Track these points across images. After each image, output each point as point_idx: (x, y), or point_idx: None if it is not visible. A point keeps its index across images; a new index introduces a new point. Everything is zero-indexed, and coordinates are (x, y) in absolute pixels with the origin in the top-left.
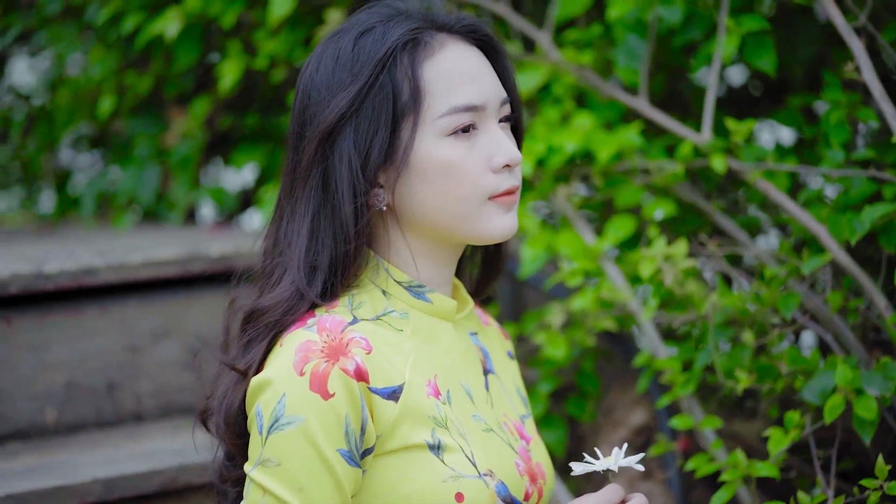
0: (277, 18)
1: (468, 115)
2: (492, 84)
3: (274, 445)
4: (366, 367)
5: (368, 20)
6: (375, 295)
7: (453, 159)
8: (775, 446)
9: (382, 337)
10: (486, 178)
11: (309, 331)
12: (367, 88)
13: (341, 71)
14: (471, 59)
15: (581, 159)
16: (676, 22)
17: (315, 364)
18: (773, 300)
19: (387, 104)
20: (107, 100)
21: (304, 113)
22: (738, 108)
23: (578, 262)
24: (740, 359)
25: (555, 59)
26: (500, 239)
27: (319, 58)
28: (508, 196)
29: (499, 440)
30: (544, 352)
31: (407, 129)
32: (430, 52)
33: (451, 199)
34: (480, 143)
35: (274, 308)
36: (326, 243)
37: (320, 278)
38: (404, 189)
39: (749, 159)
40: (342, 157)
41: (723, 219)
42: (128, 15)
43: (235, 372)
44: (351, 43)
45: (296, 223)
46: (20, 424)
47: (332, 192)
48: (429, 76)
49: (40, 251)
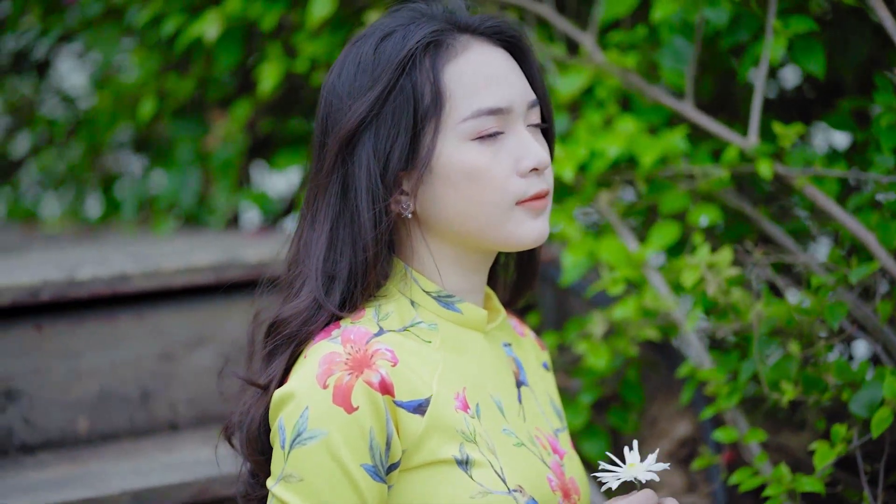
0: (317, 20)
1: (493, 119)
2: (519, 86)
3: (296, 460)
4: (391, 379)
5: (390, 24)
6: (403, 305)
7: (478, 164)
8: (821, 460)
9: (409, 348)
10: (513, 182)
11: (333, 342)
12: (386, 93)
13: (362, 76)
14: (496, 61)
15: (624, 164)
16: (723, 23)
17: (339, 377)
18: (820, 310)
19: (407, 108)
20: (148, 103)
21: (325, 120)
22: (791, 112)
23: (620, 270)
24: (787, 370)
25: (598, 61)
26: (530, 245)
27: (341, 64)
28: (538, 201)
29: (530, 455)
30: (586, 361)
31: (429, 134)
32: (452, 54)
33: (477, 205)
34: (507, 147)
35: (292, 319)
36: (345, 252)
37: (338, 288)
38: (428, 195)
39: (797, 164)
40: (361, 163)
41: (771, 226)
42: (168, 17)
43: (256, 387)
44: (372, 48)
45: (315, 231)
46: (51, 433)
47: (351, 200)
48: (451, 79)
49: (75, 257)
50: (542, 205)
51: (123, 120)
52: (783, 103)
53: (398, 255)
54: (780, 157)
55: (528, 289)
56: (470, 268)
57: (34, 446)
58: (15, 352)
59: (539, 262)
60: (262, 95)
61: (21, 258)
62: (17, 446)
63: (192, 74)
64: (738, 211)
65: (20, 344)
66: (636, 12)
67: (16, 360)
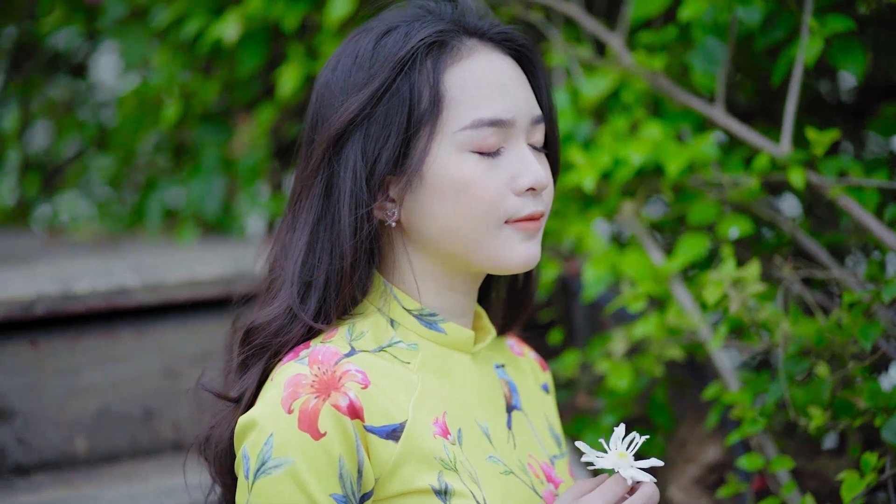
0: (336, 20)
1: (493, 131)
2: (524, 99)
3: (261, 491)
4: (360, 403)
5: (394, 19)
6: (381, 324)
7: (472, 176)
8: (849, 492)
9: (383, 370)
10: (506, 199)
11: (300, 363)
12: (381, 91)
13: (357, 72)
14: (502, 70)
15: (651, 173)
16: (755, 23)
17: (304, 400)
18: (853, 328)
19: (402, 110)
20: (172, 106)
21: (315, 115)
22: (845, 117)
23: (642, 285)
24: (818, 393)
25: (626, 63)
26: (518, 269)
27: (338, 57)
28: (531, 222)
29: (519, 484)
30: (608, 381)
31: (423, 139)
32: (456, 57)
33: (465, 219)
34: (504, 162)
35: (265, 327)
36: (323, 258)
37: (315, 296)
38: (415, 204)
39: (831, 173)
40: (347, 163)
41: (807, 239)
42: (191, 18)
43: (226, 401)
44: (372, 42)
45: (296, 233)
46: (47, 454)
47: (333, 202)
48: (452, 83)
49: (77, 268)
50: (534, 227)
51: (149, 125)
52: (839, 107)
53: (379, 270)
54: (813, 166)
55: (523, 317)
56: (455, 288)
57: (29, 467)
58: (8, 368)
59: (535, 289)
60: (283, 98)
61: (26, 269)
62: (11, 467)
63: (216, 77)
64: (770, 222)
65: (14, 360)
66: (669, 12)
67: (9, 377)
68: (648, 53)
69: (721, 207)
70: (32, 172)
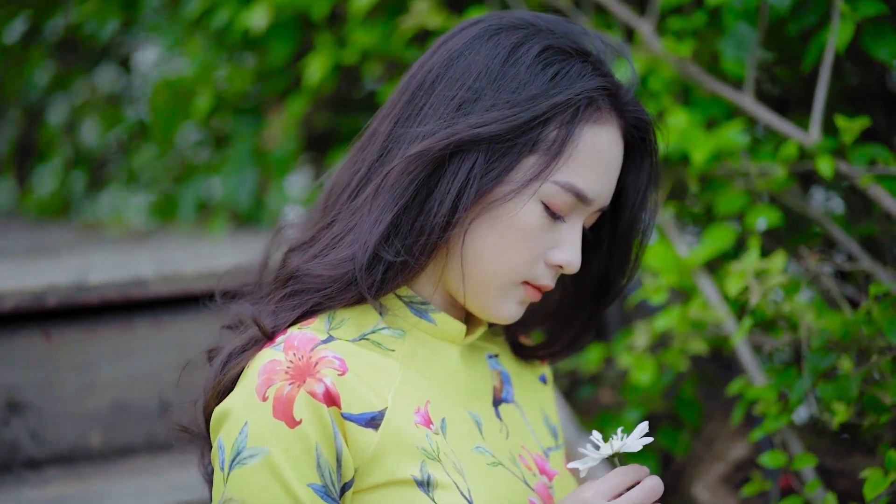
0: (361, 8)
1: (574, 202)
2: (610, 188)
3: (237, 482)
4: (337, 389)
5: (555, 34)
6: (366, 312)
7: (532, 228)
8: (872, 490)
9: (363, 358)
10: (538, 263)
11: (275, 349)
12: (529, 127)
13: (511, 80)
14: (615, 154)
15: (678, 161)
16: (784, 7)
17: (279, 387)
18: (881, 321)
19: (530, 146)
20: (204, 97)
21: (439, 77)
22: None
23: (666, 277)
24: (846, 388)
25: (655, 49)
26: (496, 320)
27: (488, 33)
28: (536, 291)
29: (508, 475)
30: (630, 376)
31: (523, 171)
32: (597, 120)
33: (497, 258)
34: (558, 229)
35: (317, 281)
36: (395, 244)
37: (377, 274)
38: (474, 223)
39: (861, 162)
40: (463, 165)
41: (837, 230)
42: (221, 6)
43: (260, 330)
44: (535, 53)
45: (379, 199)
46: (61, 448)
47: (433, 196)
48: (582, 141)
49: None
50: (535, 297)
51: (183, 116)
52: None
53: None
54: (843, 154)
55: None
56: (457, 305)
57: (42, 461)
58: (20, 361)
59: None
60: (310, 87)
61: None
62: (23, 461)
63: (248, 68)
64: (800, 213)
65: (26, 353)
66: None
67: (21, 370)
68: (677, 40)
69: (750, 197)
70: (78, 166)
